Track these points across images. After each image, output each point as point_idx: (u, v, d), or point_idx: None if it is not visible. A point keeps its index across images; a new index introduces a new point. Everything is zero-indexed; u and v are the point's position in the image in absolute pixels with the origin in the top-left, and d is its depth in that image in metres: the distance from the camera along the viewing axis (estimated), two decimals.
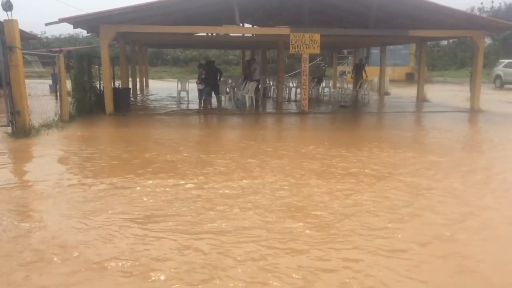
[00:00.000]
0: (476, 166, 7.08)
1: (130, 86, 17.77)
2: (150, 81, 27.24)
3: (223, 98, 16.40)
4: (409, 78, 33.19)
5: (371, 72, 27.27)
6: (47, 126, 10.01)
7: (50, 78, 20.37)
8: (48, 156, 7.53)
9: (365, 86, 18.71)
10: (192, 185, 5.75)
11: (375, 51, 32.34)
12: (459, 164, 7.14)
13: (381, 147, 8.40)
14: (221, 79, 15.16)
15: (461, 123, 12.46)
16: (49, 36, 50.45)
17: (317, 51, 13.81)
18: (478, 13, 41.02)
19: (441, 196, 5.40)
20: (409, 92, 21.50)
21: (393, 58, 31.37)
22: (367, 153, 7.84)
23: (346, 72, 32.57)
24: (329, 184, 5.87)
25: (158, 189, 5.56)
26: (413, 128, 11.96)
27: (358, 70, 19.72)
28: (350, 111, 15.05)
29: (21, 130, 9.01)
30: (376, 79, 22.66)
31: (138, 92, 20.89)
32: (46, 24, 12.52)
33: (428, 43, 20.90)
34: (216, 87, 14.50)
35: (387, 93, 21.42)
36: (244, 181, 5.95)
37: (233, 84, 18.60)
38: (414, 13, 13.93)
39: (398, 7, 13.83)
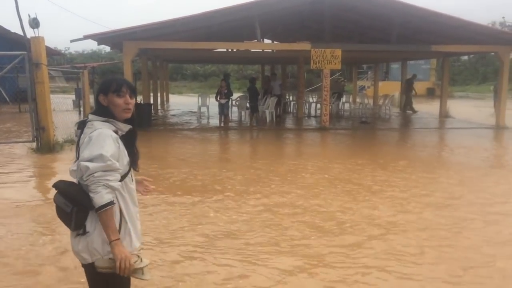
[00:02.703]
0: None
1: (152, 101, 17.93)
2: (170, 96, 27.50)
3: (242, 113, 16.46)
4: (430, 93, 32.80)
5: (391, 88, 27.11)
6: (71, 141, 10.09)
7: (74, 93, 20.73)
8: None
9: (386, 101, 18.53)
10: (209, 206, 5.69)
11: (395, 66, 32.13)
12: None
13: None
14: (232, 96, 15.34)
15: (488, 140, 12.19)
16: (73, 52, 51.60)
17: (339, 66, 13.74)
18: (500, 28, 40.45)
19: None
20: (431, 107, 21.19)
21: (413, 73, 31.05)
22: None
23: (366, 87, 32.39)
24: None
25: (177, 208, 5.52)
26: (441, 146, 11.75)
27: (409, 85, 19.65)
28: (372, 127, 14.85)
29: (46, 145, 9.12)
30: (396, 95, 22.43)
31: (159, 107, 21.07)
32: (72, 41, 12.74)
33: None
34: (255, 106, 14.82)
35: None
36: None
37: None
38: (437, 28, 13.79)
39: (421, 23, 13.70)
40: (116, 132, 2.22)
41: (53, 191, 2.24)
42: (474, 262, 4.02)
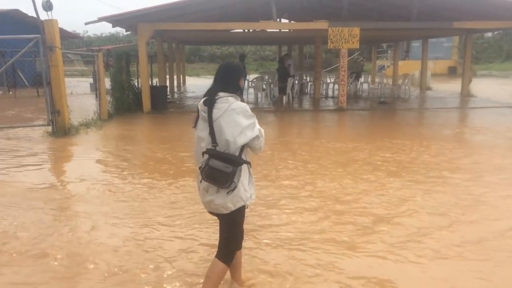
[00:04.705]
0: None
1: (168, 83, 17.87)
2: (187, 78, 27.39)
3: (258, 95, 16.27)
4: (452, 72, 31.99)
5: (411, 67, 26.46)
6: (86, 125, 10.15)
7: (91, 76, 20.81)
8: (86, 156, 7.59)
9: (405, 81, 18.08)
10: None
11: (416, 44, 31.32)
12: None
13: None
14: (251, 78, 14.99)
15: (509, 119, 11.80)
16: (91, 35, 51.75)
17: (357, 45, 13.38)
18: None
19: None
20: (452, 86, 20.67)
21: (434, 52, 30.23)
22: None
23: (385, 67, 31.72)
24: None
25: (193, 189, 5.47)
26: (461, 125, 11.42)
27: None
28: (391, 108, 14.51)
29: (61, 129, 9.16)
30: (417, 74, 21.90)
31: (175, 90, 21.04)
32: (86, 23, 12.74)
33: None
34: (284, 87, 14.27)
35: (428, 88, 20.64)
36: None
37: (269, 80, 18.39)
38: (459, 4, 13.28)
39: None
40: None
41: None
42: None
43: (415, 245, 3.95)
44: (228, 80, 2.84)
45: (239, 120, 2.69)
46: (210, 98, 2.76)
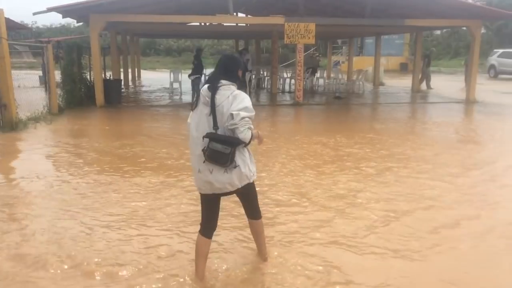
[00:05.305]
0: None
1: (122, 77, 17.43)
2: (142, 71, 26.76)
3: None
4: (403, 68, 32.97)
5: (365, 63, 27.09)
6: (35, 119, 9.74)
7: (41, 68, 19.93)
8: (35, 151, 7.30)
9: (359, 76, 18.50)
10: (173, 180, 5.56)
11: (369, 40, 32.06)
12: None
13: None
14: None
15: (459, 114, 12.34)
16: (40, 26, 49.58)
17: (312, 41, 13.54)
18: (472, 2, 40.57)
19: None
20: (404, 82, 21.33)
21: (387, 48, 31.00)
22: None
23: (340, 62, 32.31)
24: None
25: (148, 186, 5.37)
26: (412, 120, 11.82)
27: (429, 61, 18.99)
28: (346, 103, 14.83)
29: (8, 124, 8.76)
30: (370, 69, 22.44)
31: (130, 83, 20.55)
32: (34, 13, 12.14)
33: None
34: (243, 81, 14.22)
35: (381, 84, 21.22)
36: None
37: None
38: (410, 2, 13.72)
39: None
40: None
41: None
42: None
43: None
44: (229, 70, 3.11)
45: (233, 103, 2.92)
46: (213, 85, 3.01)
